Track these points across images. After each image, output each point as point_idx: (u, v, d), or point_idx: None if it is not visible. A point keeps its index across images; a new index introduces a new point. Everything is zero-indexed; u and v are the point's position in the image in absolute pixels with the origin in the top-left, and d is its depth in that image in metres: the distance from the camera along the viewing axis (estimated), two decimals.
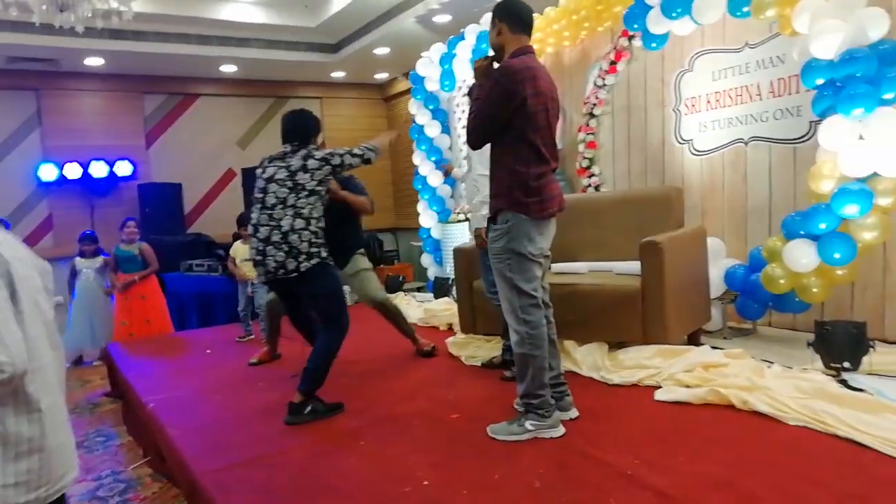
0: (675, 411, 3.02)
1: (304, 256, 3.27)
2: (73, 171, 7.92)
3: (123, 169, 8.29)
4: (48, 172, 7.81)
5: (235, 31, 7.79)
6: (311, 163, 3.33)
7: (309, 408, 3.26)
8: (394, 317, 4.37)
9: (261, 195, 3.41)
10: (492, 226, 2.86)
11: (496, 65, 2.87)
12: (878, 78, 3.46)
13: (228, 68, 8.62)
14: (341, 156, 3.42)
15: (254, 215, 3.42)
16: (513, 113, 2.70)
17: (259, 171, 3.50)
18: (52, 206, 8.03)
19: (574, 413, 3.00)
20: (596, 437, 2.77)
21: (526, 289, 2.77)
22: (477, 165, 3.69)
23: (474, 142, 2.86)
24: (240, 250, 5.52)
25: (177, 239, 7.91)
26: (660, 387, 3.29)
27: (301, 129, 3.50)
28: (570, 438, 2.77)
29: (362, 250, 4.36)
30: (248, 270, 5.39)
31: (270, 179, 3.39)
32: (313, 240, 3.30)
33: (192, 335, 5.99)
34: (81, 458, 2.65)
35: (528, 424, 2.79)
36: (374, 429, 3.06)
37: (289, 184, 3.32)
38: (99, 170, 8.12)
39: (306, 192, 3.31)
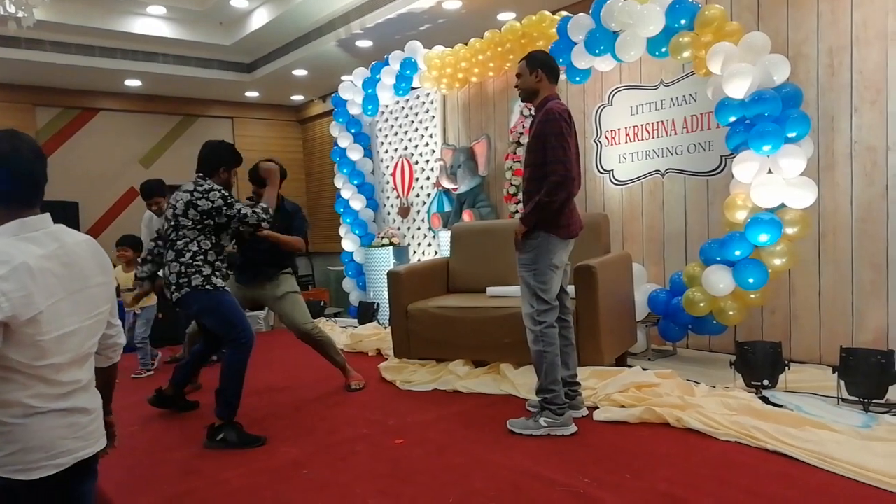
0: (614, 430, 3.11)
1: (174, 287, 3.32)
2: None
3: None
4: None
5: (142, 44, 7.42)
6: (191, 213, 3.28)
7: (221, 435, 3.17)
8: (323, 347, 4.12)
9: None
10: (525, 241, 3.14)
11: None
12: (783, 118, 3.79)
13: (133, 83, 8.19)
14: (238, 213, 3.30)
15: None
16: None
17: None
18: None
19: (585, 411, 3.30)
20: (543, 457, 2.79)
21: (544, 297, 3.11)
22: None
23: (567, 173, 3.05)
24: (121, 278, 4.84)
25: None
26: (597, 407, 3.37)
27: (204, 160, 3.46)
28: (519, 460, 2.78)
29: (289, 270, 4.19)
30: (130, 300, 4.63)
31: (170, 213, 3.39)
32: (183, 270, 3.29)
33: None
34: None
35: (542, 421, 3.08)
36: (316, 457, 2.93)
37: (172, 222, 3.34)
38: None
39: (184, 229, 3.32)
